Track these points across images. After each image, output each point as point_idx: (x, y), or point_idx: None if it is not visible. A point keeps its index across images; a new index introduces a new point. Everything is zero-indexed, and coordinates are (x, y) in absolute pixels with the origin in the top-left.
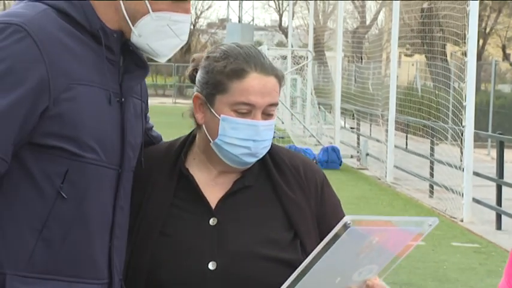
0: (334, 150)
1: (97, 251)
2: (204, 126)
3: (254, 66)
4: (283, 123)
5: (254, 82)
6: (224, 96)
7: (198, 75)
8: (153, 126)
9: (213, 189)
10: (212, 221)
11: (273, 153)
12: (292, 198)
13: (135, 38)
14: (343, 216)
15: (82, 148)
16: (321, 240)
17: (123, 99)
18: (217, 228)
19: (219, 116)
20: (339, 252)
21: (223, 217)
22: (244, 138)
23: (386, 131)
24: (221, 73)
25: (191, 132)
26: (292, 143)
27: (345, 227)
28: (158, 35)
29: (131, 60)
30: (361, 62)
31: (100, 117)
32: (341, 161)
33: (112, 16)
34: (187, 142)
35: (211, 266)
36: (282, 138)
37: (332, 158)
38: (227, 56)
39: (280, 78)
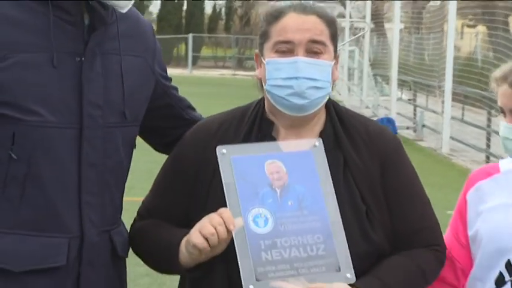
0: (389, 121)
1: (60, 207)
2: (262, 80)
3: (292, 7)
4: (340, 94)
5: (291, 20)
6: (268, 42)
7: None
8: (189, 106)
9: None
10: None
11: (345, 119)
12: (359, 165)
13: None
14: (417, 189)
15: (23, 113)
16: (390, 212)
17: (83, 59)
18: None
19: (265, 61)
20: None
21: None
22: (286, 77)
23: (443, 102)
24: (264, 22)
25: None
26: None
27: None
28: None
29: (96, 19)
30: (420, 33)
31: (43, 80)
32: (396, 132)
33: None
34: (261, 105)
35: None
36: None
37: None
38: (273, 9)
39: (324, 17)
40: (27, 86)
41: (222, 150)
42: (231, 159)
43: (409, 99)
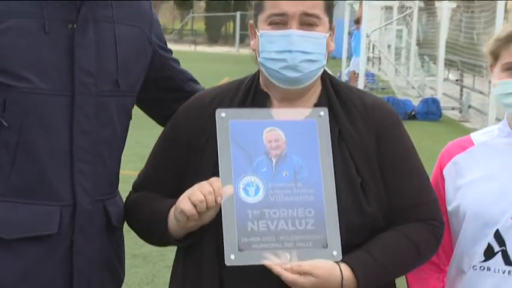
0: (434, 101)
1: (52, 174)
2: (256, 51)
3: None
4: (386, 74)
5: None
6: (262, 14)
7: None
8: (191, 78)
9: (278, 114)
10: None
11: (341, 91)
12: (355, 137)
13: None
14: (415, 163)
15: (15, 79)
16: (386, 186)
17: (75, 26)
18: None
19: (259, 33)
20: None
21: None
22: (279, 50)
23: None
24: None
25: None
26: (392, 94)
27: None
28: None
29: None
30: (470, 12)
31: (35, 47)
32: (441, 113)
33: None
34: (256, 78)
35: None
36: (383, 89)
37: (431, 109)
38: None
39: None
40: (19, 51)
41: (221, 114)
42: (229, 123)
43: (456, 80)
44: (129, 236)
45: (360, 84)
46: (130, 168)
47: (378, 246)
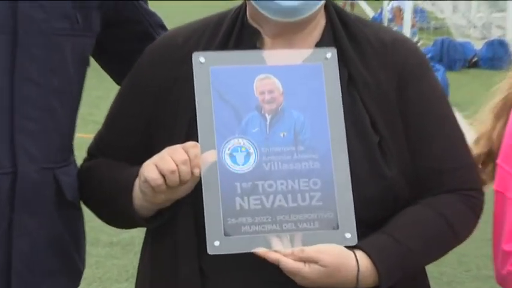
0: (502, 44)
1: None
2: None
3: None
4: (442, 12)
5: None
6: None
7: None
8: (162, 24)
9: (272, 57)
10: None
11: (351, 26)
12: (370, 83)
13: None
14: (445, 117)
15: None
16: (410, 145)
17: None
18: None
19: None
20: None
21: None
22: None
23: None
24: None
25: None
26: (448, 35)
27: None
28: None
29: None
30: None
31: None
32: (510, 59)
33: None
34: (242, 10)
35: None
36: (437, 29)
37: (498, 54)
38: None
39: None
40: None
41: (199, 58)
42: (210, 70)
43: None
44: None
45: (407, 24)
46: (88, 131)
47: (402, 225)
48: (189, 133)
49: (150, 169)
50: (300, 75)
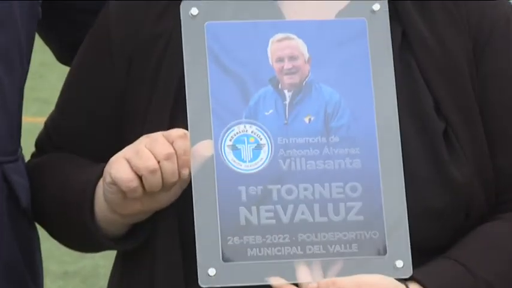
0: None
1: None
2: None
3: None
4: None
5: None
6: None
7: None
8: None
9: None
10: None
11: None
12: (434, 47)
13: None
14: None
15: None
16: (489, 135)
17: None
18: None
19: None
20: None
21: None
22: None
23: None
24: None
25: None
26: None
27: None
28: None
29: None
30: None
31: None
32: None
33: None
34: None
35: None
36: None
37: None
38: None
39: None
40: None
41: (190, 10)
42: (206, 27)
43: None
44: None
45: None
46: (31, 113)
47: (478, 250)
48: (174, 116)
49: (120, 166)
50: (335, 35)
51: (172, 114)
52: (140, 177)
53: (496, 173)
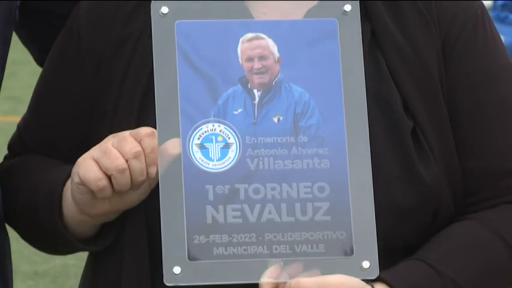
0: None
1: None
2: None
3: None
4: None
5: None
6: None
7: None
8: None
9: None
10: None
11: None
12: (403, 45)
13: None
14: (506, 92)
15: None
16: (457, 135)
17: None
18: None
19: None
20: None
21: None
22: None
23: None
24: None
25: None
26: None
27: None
28: None
29: None
30: None
31: None
32: None
33: None
34: None
35: None
36: None
37: None
38: None
39: None
40: None
41: (161, 9)
42: (176, 25)
43: None
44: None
45: None
46: (5, 112)
47: (446, 250)
48: (142, 115)
49: (89, 166)
50: (306, 35)
51: (140, 113)
52: (109, 177)
53: (463, 174)
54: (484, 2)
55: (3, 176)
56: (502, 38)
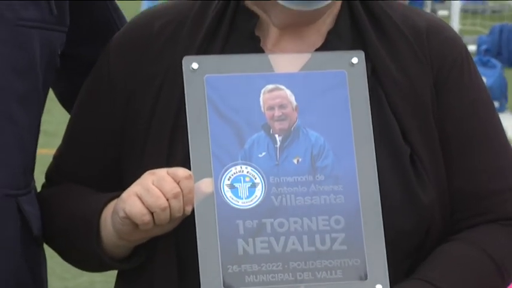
0: None
1: None
2: None
3: None
4: None
5: None
6: None
7: None
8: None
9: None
10: None
11: (375, 8)
12: (400, 81)
13: None
14: (492, 127)
15: None
16: (447, 160)
17: None
18: None
19: None
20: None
21: None
22: None
23: None
24: None
25: None
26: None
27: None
28: None
29: None
30: None
31: None
32: None
33: None
34: None
35: None
36: (495, 12)
37: None
38: None
39: None
40: None
41: (191, 65)
42: (205, 79)
43: None
44: (58, 259)
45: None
46: (41, 145)
47: (442, 268)
48: (171, 150)
49: (134, 203)
50: (318, 85)
51: (170, 146)
52: (151, 213)
53: (451, 195)
54: (469, 46)
55: (43, 204)
56: (484, 79)
